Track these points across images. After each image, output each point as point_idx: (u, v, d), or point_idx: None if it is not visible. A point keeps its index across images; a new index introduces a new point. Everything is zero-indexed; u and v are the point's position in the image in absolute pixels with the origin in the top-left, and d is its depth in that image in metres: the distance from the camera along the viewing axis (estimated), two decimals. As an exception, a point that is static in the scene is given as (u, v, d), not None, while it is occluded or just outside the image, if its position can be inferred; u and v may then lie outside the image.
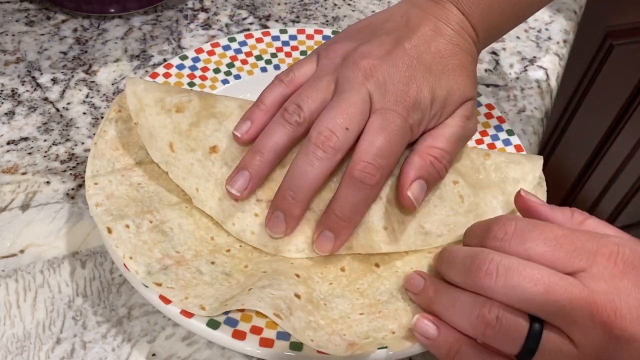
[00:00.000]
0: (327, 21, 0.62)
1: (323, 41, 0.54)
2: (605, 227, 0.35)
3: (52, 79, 0.53)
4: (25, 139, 0.49)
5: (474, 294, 0.34)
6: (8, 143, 0.48)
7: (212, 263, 0.39)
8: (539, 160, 0.44)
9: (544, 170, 0.44)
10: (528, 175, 0.43)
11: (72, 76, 0.54)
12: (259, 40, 0.55)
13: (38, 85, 0.53)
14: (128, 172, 0.42)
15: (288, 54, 0.54)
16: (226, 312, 0.36)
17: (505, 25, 0.46)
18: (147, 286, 0.37)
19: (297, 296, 0.37)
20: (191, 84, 0.50)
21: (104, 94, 0.53)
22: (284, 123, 0.39)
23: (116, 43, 0.57)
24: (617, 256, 0.32)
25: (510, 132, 0.49)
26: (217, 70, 0.52)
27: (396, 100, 0.39)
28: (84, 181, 0.46)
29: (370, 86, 0.39)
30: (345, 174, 0.38)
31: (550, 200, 0.41)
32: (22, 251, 0.42)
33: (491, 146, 0.48)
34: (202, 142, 0.42)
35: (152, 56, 0.56)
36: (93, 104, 0.52)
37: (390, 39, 0.41)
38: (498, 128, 0.49)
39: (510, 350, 0.32)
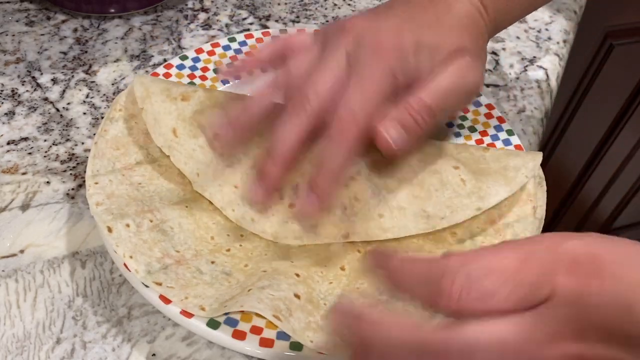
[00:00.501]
0: (327, 21, 0.62)
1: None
2: None
3: (52, 79, 0.54)
4: (25, 139, 0.49)
5: None
6: (8, 143, 0.48)
7: (212, 262, 0.39)
8: (539, 154, 0.44)
9: (543, 170, 0.44)
10: (528, 163, 0.43)
11: (72, 76, 0.54)
12: (259, 40, 0.55)
13: (38, 85, 0.53)
14: (128, 172, 0.42)
15: (288, 54, 0.54)
16: (226, 312, 0.36)
17: (517, 7, 0.46)
18: (147, 285, 0.37)
19: (297, 296, 0.37)
20: (191, 84, 0.50)
21: (104, 94, 0.53)
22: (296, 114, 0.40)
23: (116, 43, 0.57)
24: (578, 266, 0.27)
25: (510, 132, 0.49)
26: (217, 71, 0.52)
27: (373, 50, 0.39)
28: (84, 181, 0.46)
29: (349, 43, 0.39)
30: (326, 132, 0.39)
31: (551, 200, 0.41)
32: (22, 251, 0.42)
33: (491, 146, 0.48)
34: (205, 129, 0.42)
35: (152, 56, 0.56)
36: (93, 104, 0.52)
37: (387, 5, 0.42)
38: (498, 128, 0.49)
39: None
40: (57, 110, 0.51)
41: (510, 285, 0.27)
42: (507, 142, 0.48)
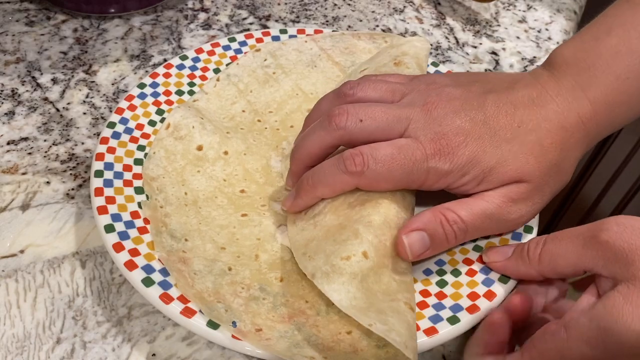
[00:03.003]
0: (327, 21, 0.62)
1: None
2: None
3: (52, 79, 0.54)
4: (25, 139, 0.49)
5: None
6: (8, 143, 0.48)
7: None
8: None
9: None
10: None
11: (72, 76, 0.54)
12: (259, 40, 0.55)
13: (38, 85, 0.53)
14: None
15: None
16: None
17: (630, 112, 0.41)
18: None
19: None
20: (191, 84, 0.50)
21: (104, 94, 0.53)
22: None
23: (116, 43, 0.57)
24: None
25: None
26: (217, 70, 0.52)
27: (432, 139, 0.37)
28: (84, 181, 0.46)
29: (420, 114, 0.38)
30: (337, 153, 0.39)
31: (550, 200, 0.41)
32: (22, 251, 0.42)
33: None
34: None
35: (152, 56, 0.56)
36: (93, 104, 0.52)
37: (480, 88, 0.39)
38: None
39: None
40: (57, 110, 0.51)
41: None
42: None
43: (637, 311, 0.30)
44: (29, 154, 0.48)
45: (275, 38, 0.55)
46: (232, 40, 0.54)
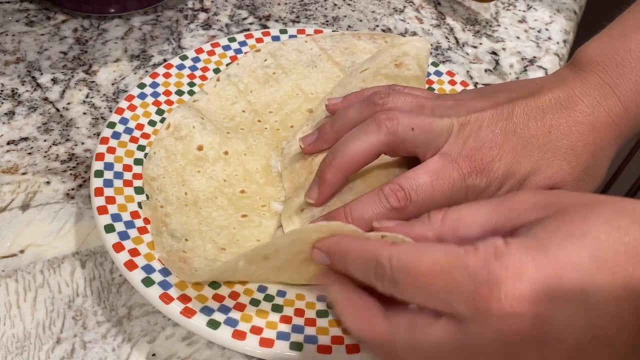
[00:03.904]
0: (327, 21, 0.62)
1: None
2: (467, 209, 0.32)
3: (52, 79, 0.53)
4: (25, 139, 0.49)
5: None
6: (8, 143, 0.48)
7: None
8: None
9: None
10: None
11: (72, 76, 0.54)
12: (259, 40, 0.55)
13: (38, 85, 0.53)
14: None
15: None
16: (226, 312, 0.36)
17: None
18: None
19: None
20: (191, 84, 0.50)
21: (104, 94, 0.53)
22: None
23: (116, 43, 0.57)
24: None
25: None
26: (217, 70, 0.52)
27: (467, 155, 0.37)
28: (84, 181, 0.46)
29: (456, 129, 0.38)
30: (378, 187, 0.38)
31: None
32: (22, 251, 0.42)
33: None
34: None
35: (152, 56, 0.56)
36: (93, 104, 0.52)
37: (506, 97, 0.39)
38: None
39: None
40: (57, 110, 0.51)
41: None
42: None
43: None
44: (29, 154, 0.48)
45: (275, 38, 0.55)
46: (232, 40, 0.54)
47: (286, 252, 0.34)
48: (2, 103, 0.51)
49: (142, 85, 0.49)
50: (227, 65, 0.52)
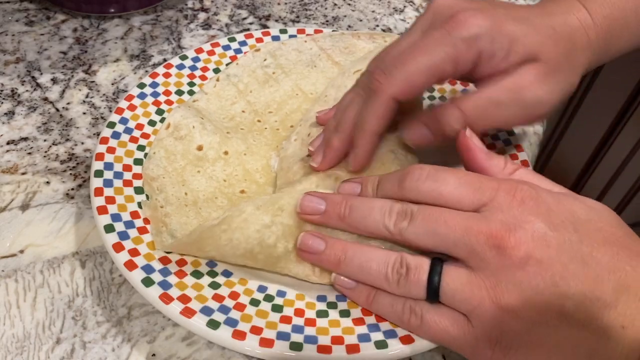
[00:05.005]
0: (327, 21, 0.62)
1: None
2: (534, 176, 0.37)
3: (52, 79, 0.53)
4: (25, 139, 0.49)
5: (377, 250, 0.36)
6: (8, 143, 0.48)
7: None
8: None
9: (544, 170, 0.44)
10: None
11: (72, 76, 0.54)
12: (259, 40, 0.55)
13: (38, 85, 0.53)
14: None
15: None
16: (226, 312, 0.36)
17: (632, 33, 0.42)
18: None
19: None
20: (191, 84, 0.50)
21: (104, 94, 0.53)
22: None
23: (116, 43, 0.57)
24: (516, 191, 0.34)
25: (510, 132, 0.49)
26: (217, 70, 0.52)
27: (445, 22, 0.38)
28: (83, 181, 0.46)
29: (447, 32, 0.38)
30: None
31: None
32: (22, 251, 0.42)
33: (491, 146, 0.48)
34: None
35: (152, 56, 0.56)
36: (93, 104, 0.52)
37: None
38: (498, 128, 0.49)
39: (417, 294, 0.35)
40: (57, 110, 0.51)
41: (457, 184, 0.35)
42: (507, 142, 0.48)
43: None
44: (29, 154, 0.48)
45: (275, 38, 0.55)
46: (232, 40, 0.54)
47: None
48: (2, 103, 0.51)
49: (142, 85, 0.49)
50: (226, 65, 0.52)
